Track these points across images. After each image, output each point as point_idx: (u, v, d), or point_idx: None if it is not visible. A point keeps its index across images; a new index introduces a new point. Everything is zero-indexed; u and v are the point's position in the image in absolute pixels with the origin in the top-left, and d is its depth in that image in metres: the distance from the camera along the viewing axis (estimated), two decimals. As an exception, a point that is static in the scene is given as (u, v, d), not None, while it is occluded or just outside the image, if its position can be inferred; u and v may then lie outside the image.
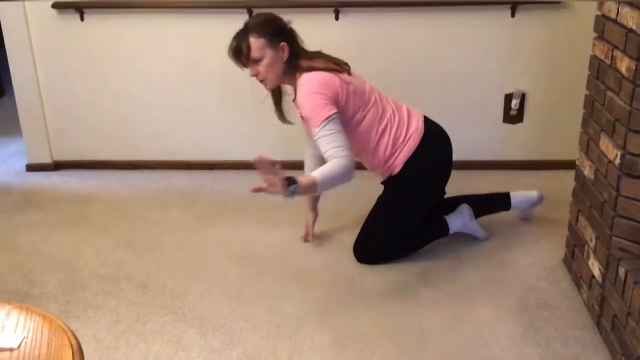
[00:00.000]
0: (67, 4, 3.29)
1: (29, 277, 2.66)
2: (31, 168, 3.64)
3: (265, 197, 3.25)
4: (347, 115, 2.44)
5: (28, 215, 3.18)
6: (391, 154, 2.55)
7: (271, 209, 3.17)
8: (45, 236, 2.97)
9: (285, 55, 2.44)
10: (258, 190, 2.18)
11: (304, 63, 2.45)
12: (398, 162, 2.55)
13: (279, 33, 2.44)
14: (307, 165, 2.81)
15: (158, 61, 3.42)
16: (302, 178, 2.24)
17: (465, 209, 2.80)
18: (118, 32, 3.36)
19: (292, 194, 2.18)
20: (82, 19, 3.32)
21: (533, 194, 2.92)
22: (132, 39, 3.38)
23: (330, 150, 2.32)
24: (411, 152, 2.54)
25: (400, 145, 2.54)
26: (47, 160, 3.62)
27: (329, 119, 2.34)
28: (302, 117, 2.46)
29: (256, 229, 3.01)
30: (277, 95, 2.65)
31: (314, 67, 2.43)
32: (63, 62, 3.44)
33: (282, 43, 2.42)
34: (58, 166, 3.64)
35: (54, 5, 3.28)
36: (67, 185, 3.48)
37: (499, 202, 2.91)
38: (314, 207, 2.82)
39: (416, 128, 2.57)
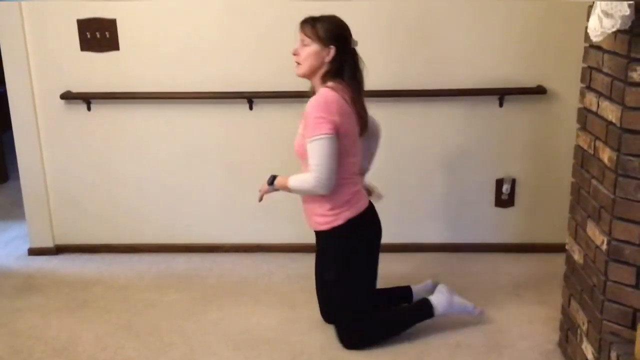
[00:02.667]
0: (75, 95, 3.44)
1: (28, 362, 2.68)
2: (33, 252, 3.69)
3: (263, 280, 3.32)
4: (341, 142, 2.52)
5: (29, 299, 3.20)
6: (345, 203, 2.60)
7: (269, 291, 3.21)
8: (46, 320, 2.99)
9: (328, 58, 2.53)
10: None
11: (333, 81, 2.54)
12: (342, 216, 2.61)
13: (335, 38, 2.53)
14: None
15: (160, 149, 3.54)
16: (281, 178, 2.68)
17: (441, 287, 2.87)
18: (123, 121, 3.50)
19: (271, 184, 2.70)
20: (89, 109, 3.46)
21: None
22: (135, 128, 3.51)
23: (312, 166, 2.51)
24: (357, 213, 2.62)
25: (351, 202, 2.61)
26: (49, 244, 3.68)
27: (322, 136, 2.45)
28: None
29: (254, 311, 3.04)
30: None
31: (334, 88, 2.53)
32: (68, 150, 3.56)
33: (332, 47, 2.52)
34: (59, 250, 3.70)
35: (62, 96, 3.42)
36: (68, 270, 3.53)
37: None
38: None
39: (365, 203, 2.67)
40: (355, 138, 2.60)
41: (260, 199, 2.81)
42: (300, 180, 2.58)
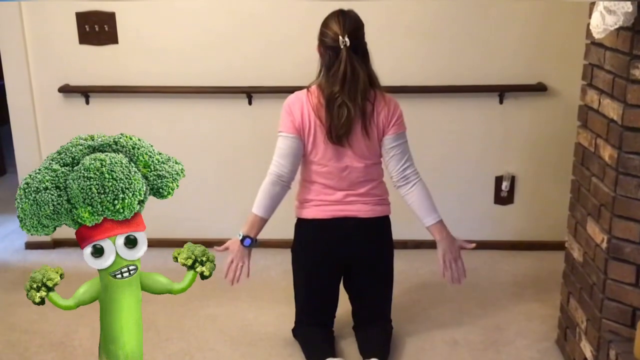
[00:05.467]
0: (74, 89, 3.42)
1: (24, 355, 2.66)
2: (30, 246, 3.68)
3: (261, 275, 3.31)
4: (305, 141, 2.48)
5: (25, 293, 3.19)
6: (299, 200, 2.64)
7: (266, 286, 3.20)
8: (42, 314, 2.97)
9: (319, 54, 2.44)
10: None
11: (316, 80, 2.46)
12: (297, 211, 2.65)
13: (320, 37, 2.41)
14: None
15: (158, 142, 3.46)
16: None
17: None
18: (121, 115, 3.49)
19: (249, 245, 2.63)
20: (87, 102, 3.45)
21: None
22: (134, 121, 3.49)
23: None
24: (299, 215, 2.65)
25: (304, 201, 2.62)
26: (46, 238, 3.67)
27: (279, 133, 2.47)
28: None
29: (251, 307, 3.03)
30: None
31: (309, 90, 2.47)
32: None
33: (318, 45, 2.42)
34: (57, 244, 3.68)
35: (61, 90, 3.41)
36: (65, 263, 3.46)
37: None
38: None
39: (313, 213, 2.61)
40: (317, 143, 2.46)
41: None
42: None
